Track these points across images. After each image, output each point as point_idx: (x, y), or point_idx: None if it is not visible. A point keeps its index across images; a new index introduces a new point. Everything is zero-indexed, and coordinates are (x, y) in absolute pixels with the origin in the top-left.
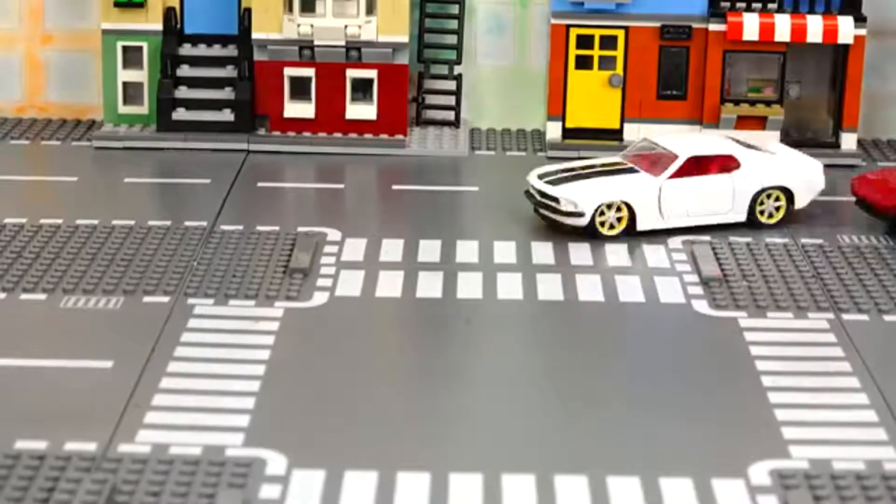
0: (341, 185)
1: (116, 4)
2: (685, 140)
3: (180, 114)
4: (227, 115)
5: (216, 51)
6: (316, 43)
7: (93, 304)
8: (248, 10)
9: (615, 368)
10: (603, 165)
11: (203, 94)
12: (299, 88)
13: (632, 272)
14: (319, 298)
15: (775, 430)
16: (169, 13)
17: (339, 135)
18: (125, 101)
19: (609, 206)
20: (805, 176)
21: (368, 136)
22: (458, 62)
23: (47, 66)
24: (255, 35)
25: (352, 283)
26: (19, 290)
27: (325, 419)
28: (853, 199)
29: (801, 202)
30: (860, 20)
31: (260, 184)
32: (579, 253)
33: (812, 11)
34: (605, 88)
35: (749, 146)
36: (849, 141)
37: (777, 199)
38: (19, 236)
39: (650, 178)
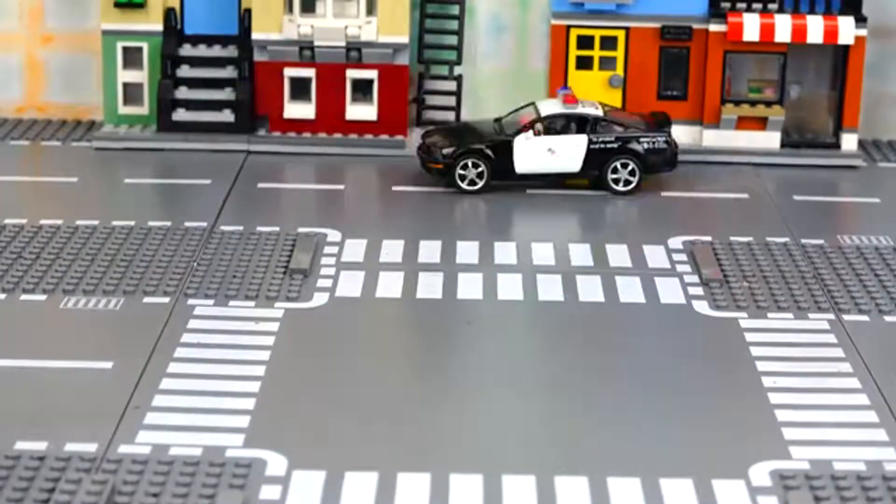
0: (341, 186)
1: (116, 5)
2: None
3: (180, 114)
4: (227, 116)
5: (216, 51)
6: (316, 43)
7: (93, 304)
8: (249, 11)
9: (615, 369)
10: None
11: (203, 94)
12: (299, 89)
13: (632, 272)
14: (319, 299)
15: (776, 431)
16: (169, 13)
17: (339, 135)
18: (125, 102)
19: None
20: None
21: (368, 136)
22: (459, 63)
23: (47, 67)
24: (255, 35)
25: (352, 284)
26: (19, 291)
27: (325, 419)
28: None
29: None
30: (861, 20)
31: (260, 184)
32: (579, 253)
33: (812, 12)
34: (606, 89)
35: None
36: (849, 141)
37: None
38: (19, 237)
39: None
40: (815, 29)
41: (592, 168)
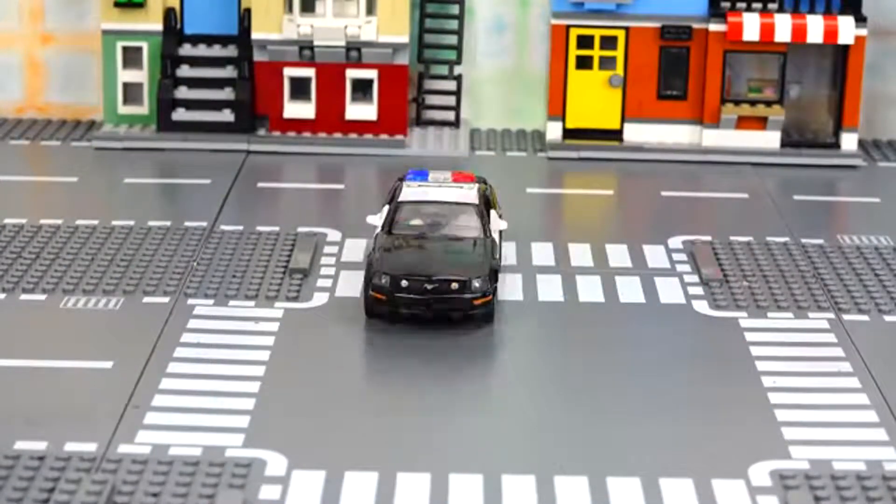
0: (341, 186)
1: (116, 4)
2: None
3: (180, 114)
4: (226, 116)
5: (216, 51)
6: (316, 43)
7: (93, 304)
8: (248, 11)
9: (615, 369)
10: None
11: (203, 94)
12: (299, 89)
13: (632, 272)
14: (319, 298)
15: (775, 431)
16: (169, 13)
17: (339, 135)
18: (125, 102)
19: None
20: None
21: (368, 136)
22: (459, 62)
23: (47, 67)
24: (255, 35)
25: (352, 284)
26: (19, 291)
27: (325, 419)
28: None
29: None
30: (860, 20)
31: (260, 184)
32: (579, 253)
33: (812, 11)
34: (606, 89)
35: None
36: (849, 141)
37: None
38: (19, 236)
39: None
40: (815, 29)
41: None
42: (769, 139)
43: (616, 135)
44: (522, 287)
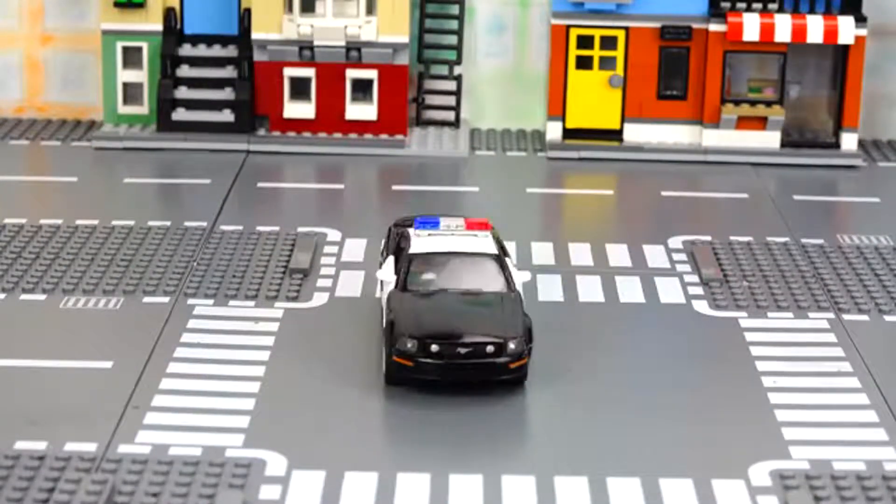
0: (341, 185)
1: (116, 4)
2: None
3: (180, 114)
4: (226, 116)
5: (216, 51)
6: (316, 43)
7: (93, 304)
8: (248, 11)
9: (615, 369)
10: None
11: (203, 94)
12: (299, 89)
13: (632, 272)
14: (319, 298)
15: (775, 431)
16: (169, 13)
17: (339, 135)
18: (125, 102)
19: None
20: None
21: (368, 136)
22: (459, 62)
23: (47, 66)
24: (255, 35)
25: (352, 284)
26: (19, 291)
27: (325, 419)
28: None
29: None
30: (860, 20)
31: (260, 184)
32: (579, 253)
33: (812, 12)
34: (606, 89)
35: None
36: (849, 141)
37: None
38: (19, 236)
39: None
40: (815, 29)
41: None
42: (769, 139)
43: (616, 135)
44: (522, 287)
